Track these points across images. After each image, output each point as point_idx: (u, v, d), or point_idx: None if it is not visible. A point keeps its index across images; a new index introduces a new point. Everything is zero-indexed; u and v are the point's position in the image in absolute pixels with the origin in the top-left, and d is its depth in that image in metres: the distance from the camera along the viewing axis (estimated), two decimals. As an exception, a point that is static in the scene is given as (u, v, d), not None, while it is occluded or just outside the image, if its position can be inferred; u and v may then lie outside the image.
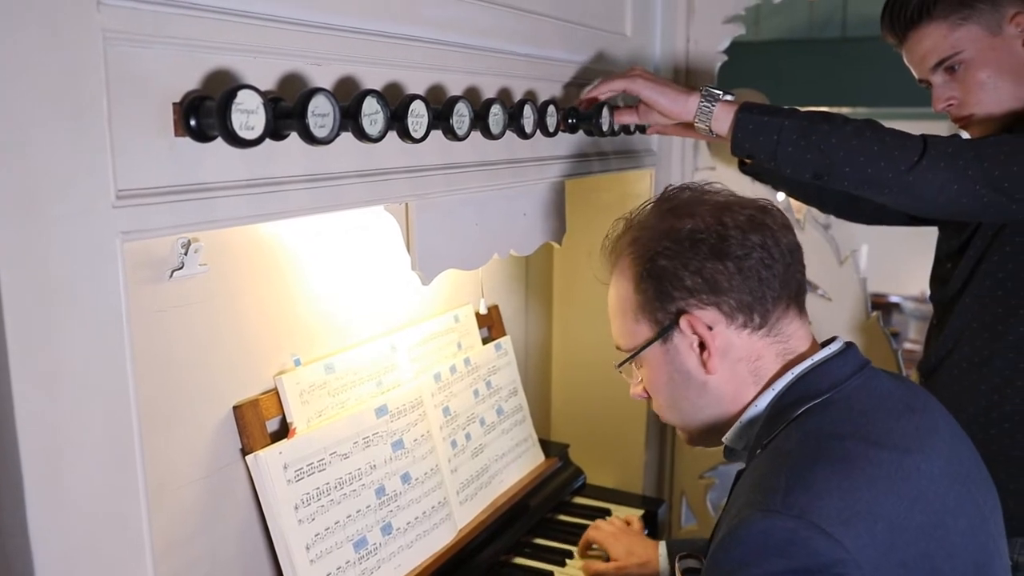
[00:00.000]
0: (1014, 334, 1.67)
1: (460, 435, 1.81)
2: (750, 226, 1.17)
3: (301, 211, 1.10)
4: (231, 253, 1.36)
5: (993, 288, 1.68)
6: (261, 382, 1.45)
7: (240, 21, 0.97)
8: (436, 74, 1.30)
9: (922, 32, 1.66)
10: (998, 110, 1.65)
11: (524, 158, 1.53)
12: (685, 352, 1.20)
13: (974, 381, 1.71)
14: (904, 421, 1.10)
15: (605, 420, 2.36)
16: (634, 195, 2.15)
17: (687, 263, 1.16)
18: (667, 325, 1.20)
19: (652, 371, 1.25)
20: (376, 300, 1.71)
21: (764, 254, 1.16)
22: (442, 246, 1.39)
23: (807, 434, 1.07)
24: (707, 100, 1.59)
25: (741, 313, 1.16)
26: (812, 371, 1.16)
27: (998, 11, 1.61)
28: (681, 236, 1.17)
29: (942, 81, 1.68)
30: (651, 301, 1.20)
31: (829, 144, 1.50)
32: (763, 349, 1.18)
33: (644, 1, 2.00)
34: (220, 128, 0.88)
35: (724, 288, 1.16)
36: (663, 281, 1.18)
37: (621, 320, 1.27)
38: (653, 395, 1.29)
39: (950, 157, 1.47)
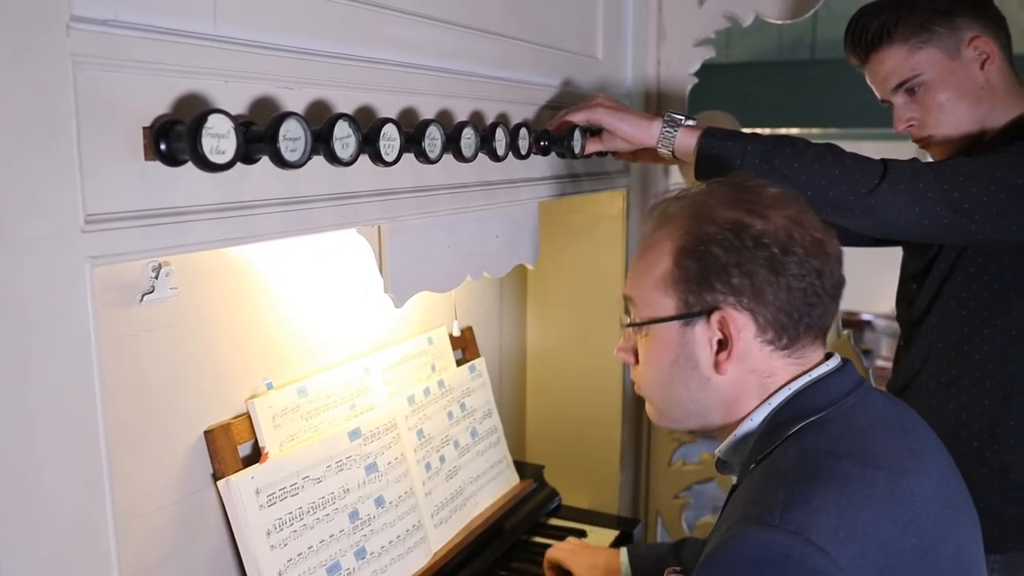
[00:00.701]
0: (979, 353, 1.69)
1: (434, 457, 1.80)
2: (814, 250, 1.14)
3: (273, 235, 1.10)
4: (203, 276, 1.36)
5: (958, 308, 1.71)
6: (233, 406, 1.44)
7: (211, 46, 0.98)
8: (408, 97, 1.31)
9: (883, 54, 1.70)
10: (956, 131, 1.69)
11: (497, 180, 1.54)
12: (701, 343, 1.16)
13: (942, 400, 1.74)
14: (898, 442, 1.10)
15: (580, 441, 2.36)
16: (607, 216, 2.17)
17: (741, 262, 1.11)
18: (696, 312, 1.15)
19: (658, 346, 1.20)
20: (349, 322, 1.71)
21: (816, 282, 1.13)
22: (415, 269, 1.39)
23: (804, 451, 1.06)
24: (669, 125, 1.61)
25: (772, 329, 1.14)
26: (810, 387, 1.15)
27: (956, 35, 1.65)
28: (746, 233, 1.12)
29: (903, 102, 1.72)
30: (688, 282, 1.15)
31: (791, 168, 1.53)
32: (779, 368, 1.16)
33: (615, 25, 2.03)
34: (190, 152, 0.88)
35: (768, 300, 1.12)
36: (710, 269, 1.13)
37: (646, 284, 1.20)
38: (644, 368, 1.23)
39: (910, 180, 1.50)
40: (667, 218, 1.20)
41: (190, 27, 0.95)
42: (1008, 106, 1.68)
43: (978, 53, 1.65)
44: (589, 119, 1.66)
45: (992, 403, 1.69)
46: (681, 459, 2.45)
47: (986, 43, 1.65)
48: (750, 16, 2.07)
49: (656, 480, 2.45)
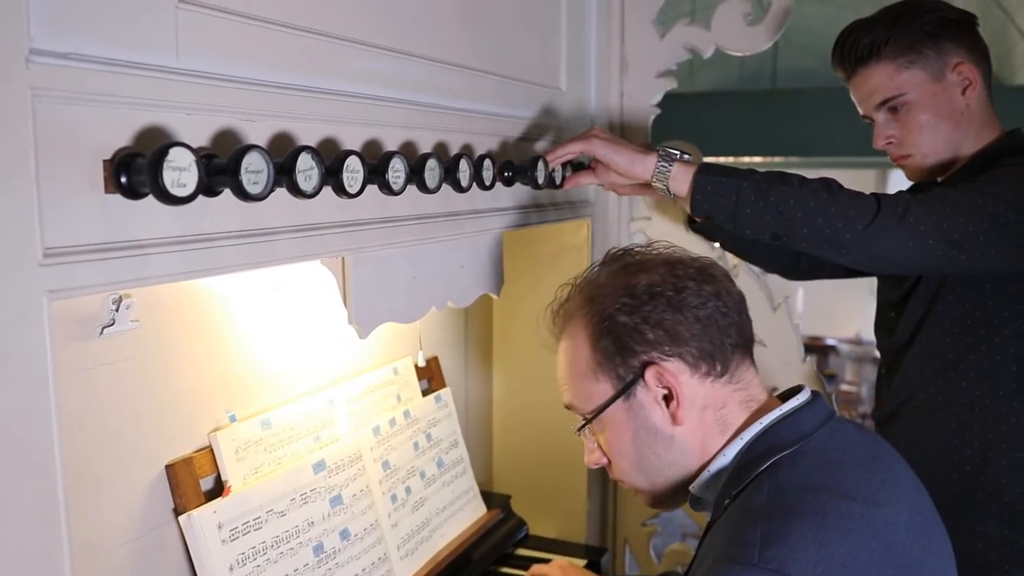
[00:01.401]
0: (967, 380, 1.71)
1: (400, 489, 1.79)
2: (702, 277, 1.20)
3: (236, 267, 1.09)
4: (164, 308, 1.35)
5: (942, 336, 1.73)
6: (195, 439, 1.42)
7: (173, 78, 0.98)
8: (372, 129, 1.32)
9: (871, 70, 1.73)
10: (933, 153, 1.73)
11: (461, 211, 1.54)
12: (650, 406, 1.19)
13: (932, 427, 1.75)
14: (871, 473, 1.12)
15: (547, 470, 2.36)
16: (572, 245, 2.18)
17: (647, 317, 1.17)
18: (630, 380, 1.19)
19: (615, 431, 1.23)
20: (313, 354, 1.70)
21: (719, 303, 1.19)
22: (379, 299, 1.39)
23: (779, 487, 1.07)
24: (664, 160, 1.63)
25: (704, 362, 1.17)
26: (781, 422, 1.17)
27: (942, 59, 1.69)
28: (638, 291, 1.18)
29: (884, 119, 1.75)
30: (611, 357, 1.19)
31: (787, 205, 1.55)
32: (727, 396, 1.19)
33: (579, 57, 2.05)
34: (151, 185, 0.88)
35: (686, 338, 1.16)
36: (623, 336, 1.18)
37: (577, 382, 1.25)
38: (615, 459, 1.26)
39: (901, 215, 1.52)
40: (567, 318, 1.27)
41: (152, 60, 0.95)
42: (982, 133, 1.73)
43: (961, 79, 1.70)
44: (586, 150, 1.68)
45: (983, 428, 1.70)
46: (648, 487, 2.45)
47: (970, 70, 1.70)
48: (710, 48, 2.11)
49: (623, 508, 2.45)
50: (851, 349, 13.72)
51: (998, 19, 8.01)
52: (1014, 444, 1.69)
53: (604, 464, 1.29)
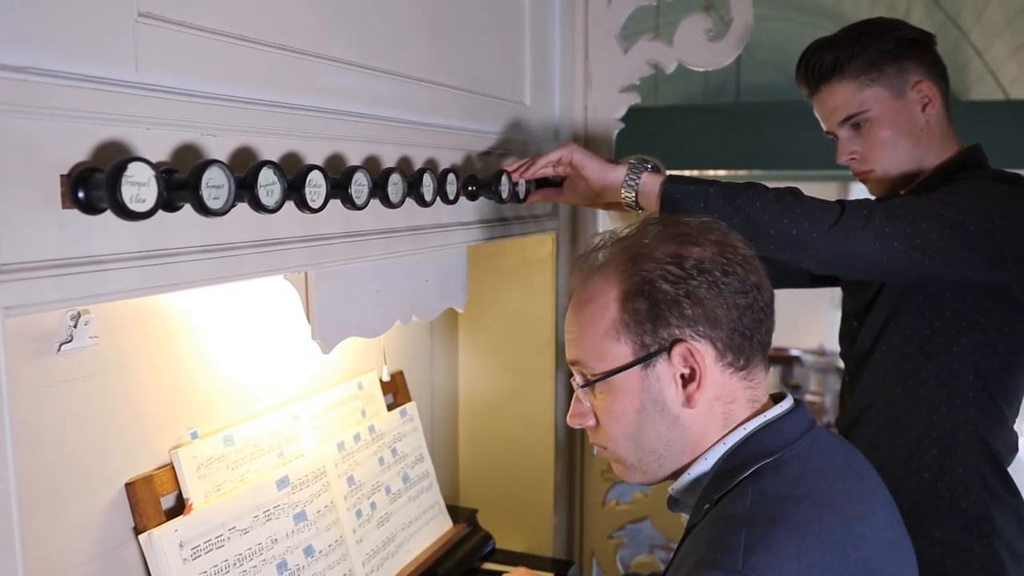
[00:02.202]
0: (925, 388, 1.74)
1: (365, 504, 1.78)
2: (748, 266, 1.16)
3: (197, 282, 1.08)
4: (124, 324, 1.33)
5: (902, 345, 1.76)
6: (156, 457, 1.40)
7: (131, 93, 0.97)
8: (335, 144, 1.31)
9: (834, 87, 1.77)
10: (895, 168, 1.77)
11: (425, 225, 1.54)
12: (666, 381, 1.14)
13: (892, 435, 1.78)
14: (850, 484, 1.12)
15: (513, 483, 2.36)
16: (536, 259, 2.19)
17: (691, 292, 1.11)
18: (655, 351, 1.13)
19: (621, 398, 1.16)
20: (277, 369, 1.68)
21: (759, 297, 1.15)
22: (343, 314, 1.38)
23: (763, 494, 1.06)
24: (634, 170, 1.65)
25: (731, 352, 1.14)
26: (764, 429, 1.15)
27: (903, 77, 1.74)
28: (687, 263, 1.12)
29: (847, 136, 1.79)
30: (641, 322, 1.13)
31: (754, 209, 1.56)
32: (738, 392, 1.16)
33: (543, 72, 2.07)
34: (109, 201, 0.87)
35: (722, 323, 1.12)
36: (661, 305, 1.12)
37: (594, 339, 1.17)
38: (609, 424, 1.19)
39: (866, 217, 1.55)
40: (599, 268, 1.19)
41: (110, 74, 0.95)
42: (942, 148, 1.78)
43: (921, 96, 1.74)
44: (563, 156, 1.70)
45: (940, 436, 1.73)
46: (615, 499, 2.46)
47: (929, 88, 1.75)
48: (673, 64, 2.13)
49: (590, 520, 2.46)
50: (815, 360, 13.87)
51: (953, 36, 8.17)
52: (970, 452, 1.72)
53: (590, 426, 1.23)
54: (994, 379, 1.71)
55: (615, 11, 2.16)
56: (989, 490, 1.73)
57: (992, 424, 1.73)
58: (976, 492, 1.72)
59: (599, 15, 2.17)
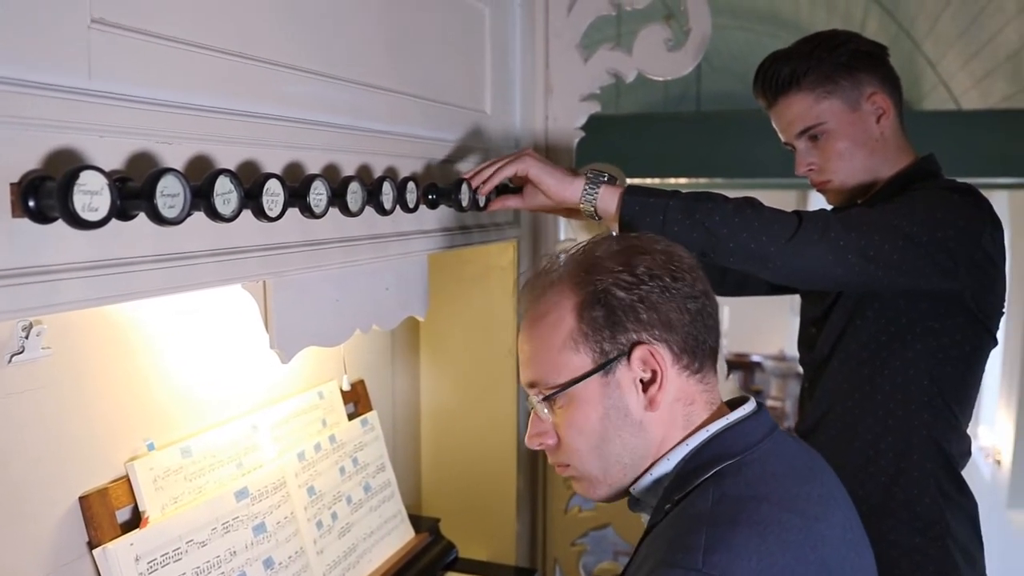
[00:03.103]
0: (881, 393, 1.77)
1: (326, 515, 1.76)
2: (695, 273, 1.19)
3: (152, 292, 1.07)
4: (78, 335, 1.31)
5: (859, 351, 1.79)
6: (111, 470, 1.38)
7: (84, 100, 0.95)
8: (293, 152, 1.31)
9: (791, 100, 1.81)
10: (851, 179, 1.81)
11: (385, 234, 1.54)
12: (627, 387, 1.15)
13: (849, 439, 1.81)
14: (809, 487, 1.13)
15: (476, 492, 2.35)
16: (498, 267, 2.19)
17: (644, 297, 1.14)
18: (614, 356, 1.14)
19: (583, 408, 1.17)
20: (236, 379, 1.67)
21: (708, 302, 1.18)
22: (301, 323, 1.37)
23: (725, 495, 1.07)
24: (592, 183, 1.65)
25: (686, 354, 1.16)
26: (727, 431, 1.16)
27: (857, 89, 1.78)
28: (638, 270, 1.15)
29: (805, 147, 1.83)
30: (599, 330, 1.14)
31: (713, 222, 1.58)
32: (696, 394, 1.18)
33: (503, 80, 2.07)
34: (61, 210, 0.85)
35: (676, 327, 1.15)
36: (617, 312, 1.14)
37: (549, 353, 1.18)
38: (571, 438, 1.19)
39: (822, 230, 1.58)
40: (553, 283, 1.20)
41: (62, 81, 0.93)
42: (897, 159, 1.82)
43: (875, 108, 1.78)
44: (518, 170, 1.69)
45: (896, 440, 1.76)
46: (577, 506, 2.46)
47: (883, 99, 1.79)
48: (632, 73, 2.15)
49: (553, 528, 2.46)
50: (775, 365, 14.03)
51: (907, 47, 8.32)
52: (925, 456, 1.75)
53: (550, 445, 1.23)
54: (948, 384, 1.74)
55: (575, 20, 2.17)
56: (943, 493, 1.76)
57: (946, 428, 1.76)
58: (931, 495, 1.75)
59: (559, 25, 2.18)
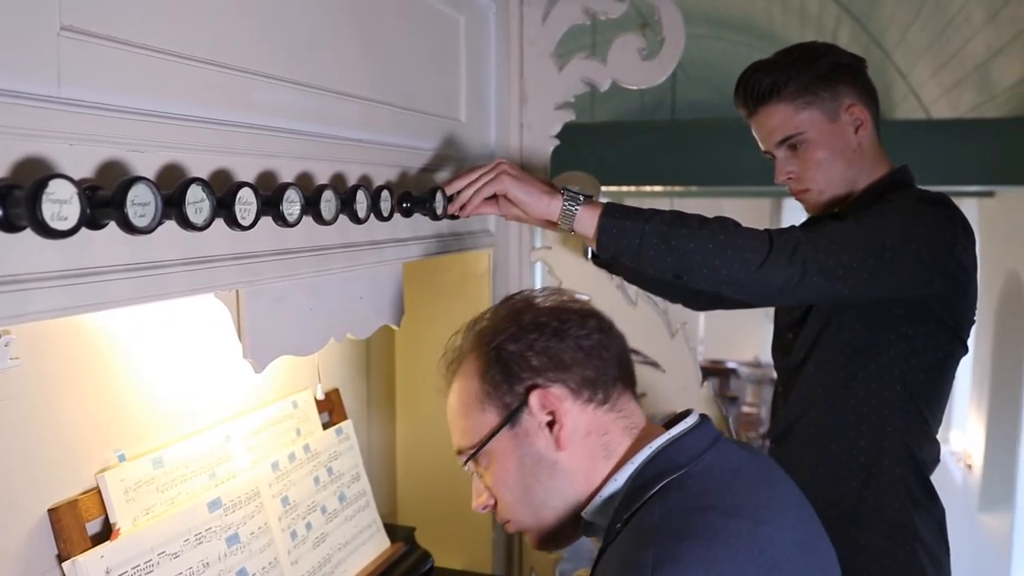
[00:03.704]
0: (855, 398, 1.79)
1: (300, 525, 1.75)
2: (585, 312, 1.26)
3: (123, 301, 1.06)
4: (48, 344, 1.29)
5: (834, 356, 1.82)
6: (81, 481, 1.37)
7: (53, 107, 0.94)
8: (266, 160, 1.30)
9: (771, 109, 1.83)
10: (829, 188, 1.84)
11: (359, 242, 1.53)
12: (534, 433, 1.20)
13: (822, 443, 1.83)
14: (757, 491, 1.15)
15: (452, 500, 2.34)
16: (473, 275, 2.19)
17: (532, 344, 1.21)
18: (516, 406, 1.21)
19: (500, 463, 1.23)
20: (209, 388, 1.65)
21: (602, 336, 1.24)
22: (275, 333, 1.37)
23: (670, 510, 1.09)
24: (570, 203, 1.68)
25: (586, 389, 1.21)
26: (670, 445, 1.19)
27: (836, 100, 1.81)
28: (524, 322, 1.23)
29: (784, 156, 1.86)
30: (499, 386, 1.22)
31: (687, 248, 1.62)
32: (609, 424, 1.22)
33: (478, 88, 2.07)
34: (29, 219, 0.84)
35: (568, 365, 1.20)
36: (510, 363, 1.21)
37: (465, 418, 1.26)
38: (501, 493, 1.26)
39: (791, 254, 1.61)
40: (458, 359, 1.30)
41: (31, 89, 0.92)
42: (873, 169, 1.85)
43: (853, 119, 1.81)
44: (497, 191, 1.71)
45: (868, 444, 1.79)
46: (553, 514, 2.46)
47: (861, 111, 1.82)
48: (607, 82, 2.16)
49: (529, 536, 2.45)
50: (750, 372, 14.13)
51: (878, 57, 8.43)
52: (896, 460, 1.78)
53: (489, 505, 1.29)
54: (920, 390, 1.77)
55: (550, 29, 2.18)
56: (913, 498, 1.78)
57: (918, 434, 1.79)
58: (900, 500, 1.77)
59: (534, 33, 2.18)
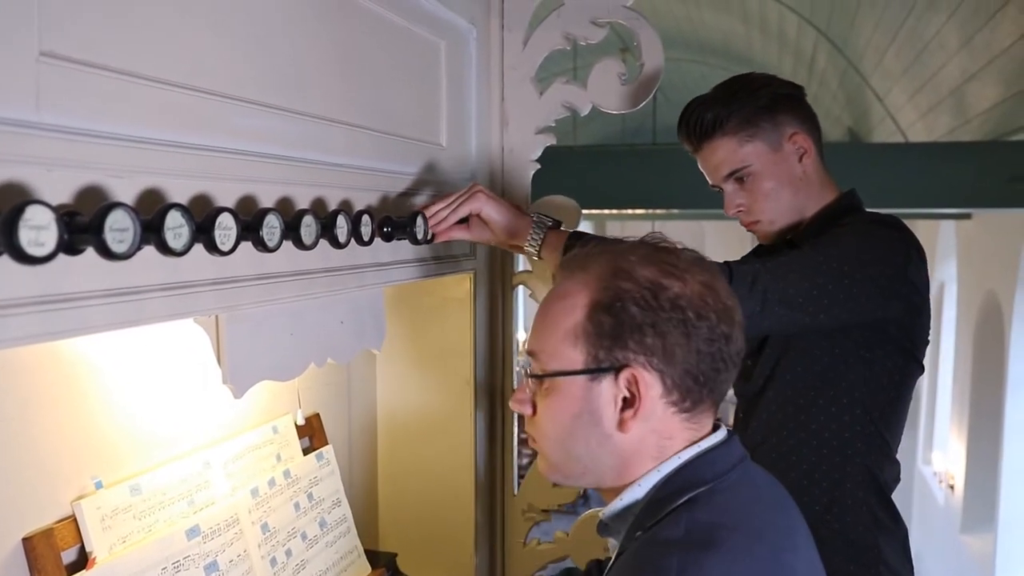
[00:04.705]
0: (816, 423, 1.80)
1: (280, 552, 1.74)
2: (725, 316, 1.15)
3: (101, 327, 1.05)
4: (23, 369, 1.28)
5: (793, 382, 1.83)
6: (57, 509, 1.35)
7: (31, 133, 0.94)
8: (247, 185, 1.30)
9: (715, 144, 1.85)
10: (779, 217, 1.86)
11: (340, 267, 1.53)
12: (607, 400, 1.14)
13: (784, 470, 1.82)
14: (776, 517, 1.15)
15: (434, 525, 2.33)
16: (455, 299, 2.19)
17: (656, 323, 1.11)
18: (605, 368, 1.13)
19: (561, 400, 1.17)
20: (188, 414, 1.64)
21: (724, 348, 1.15)
22: (255, 358, 1.36)
23: (696, 521, 1.08)
24: (537, 227, 1.71)
25: (678, 391, 1.14)
26: (698, 458, 1.16)
27: (778, 131, 1.82)
28: (663, 295, 1.12)
29: (732, 189, 1.87)
30: (601, 337, 1.13)
31: None
32: (677, 431, 1.17)
33: (459, 113, 2.08)
34: (6, 245, 0.84)
35: (677, 362, 1.12)
36: (624, 326, 1.12)
37: (554, 336, 1.18)
38: (545, 419, 1.20)
39: (751, 284, 1.62)
40: (582, 270, 1.19)
41: (9, 114, 0.92)
42: (821, 195, 1.87)
43: (797, 148, 1.83)
44: (472, 209, 1.73)
45: (830, 469, 1.80)
46: (536, 538, 2.45)
47: (804, 139, 1.84)
48: (587, 107, 2.18)
49: (512, 560, 2.44)
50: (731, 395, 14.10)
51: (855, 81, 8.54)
52: (858, 484, 1.79)
53: (527, 414, 1.23)
54: (879, 413, 1.79)
55: (530, 54, 2.20)
56: (876, 520, 1.80)
57: (879, 456, 1.81)
58: (864, 523, 1.79)
59: (514, 58, 2.20)
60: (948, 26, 6.15)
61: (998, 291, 7.25)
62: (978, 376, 7.80)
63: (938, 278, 9.70)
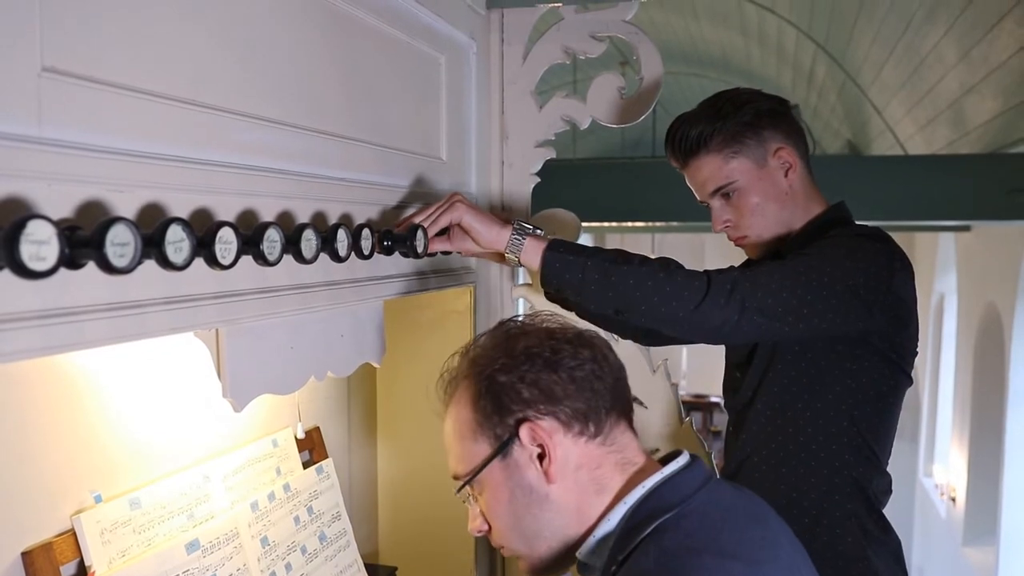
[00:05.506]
0: (804, 435, 1.81)
1: (280, 566, 1.73)
2: (579, 342, 1.24)
3: (101, 341, 1.05)
4: (23, 382, 1.28)
5: (780, 393, 1.83)
6: (56, 523, 1.35)
7: (33, 148, 0.94)
8: (247, 199, 1.30)
9: (701, 161, 1.87)
10: (767, 232, 1.87)
11: (340, 280, 1.53)
12: (525, 465, 1.20)
13: (773, 481, 1.83)
14: (751, 532, 1.15)
15: (434, 539, 2.32)
16: (455, 312, 2.19)
17: (523, 376, 1.20)
18: (507, 438, 1.20)
19: (492, 492, 1.24)
20: (188, 427, 1.64)
21: (595, 367, 1.23)
22: (255, 371, 1.36)
23: (664, 550, 1.09)
24: (518, 234, 1.71)
25: (577, 422, 1.20)
26: (663, 485, 1.19)
27: (763, 146, 1.84)
28: (516, 352, 1.22)
29: (719, 205, 1.89)
30: (490, 416, 1.21)
31: (627, 285, 1.64)
32: (601, 457, 1.21)
33: (459, 127, 2.09)
34: (7, 260, 0.84)
35: (559, 397, 1.20)
36: (501, 395, 1.20)
37: (459, 445, 1.27)
38: (493, 522, 1.27)
39: (729, 293, 1.63)
40: (452, 386, 1.30)
41: (11, 129, 0.92)
42: (807, 209, 1.89)
43: (782, 162, 1.85)
44: (452, 220, 1.72)
45: (819, 480, 1.80)
46: (536, 553, 2.44)
47: (789, 153, 1.85)
48: (587, 120, 2.19)
49: (512, 574, 2.43)
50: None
51: (853, 94, 8.56)
52: (846, 495, 1.79)
53: (484, 530, 1.30)
54: (867, 425, 1.79)
55: (530, 68, 2.21)
56: (865, 532, 1.80)
57: (868, 468, 1.81)
58: (853, 535, 1.79)
59: (514, 72, 2.21)
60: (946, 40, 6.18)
61: (998, 303, 7.25)
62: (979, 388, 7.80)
63: (938, 290, 9.70)
